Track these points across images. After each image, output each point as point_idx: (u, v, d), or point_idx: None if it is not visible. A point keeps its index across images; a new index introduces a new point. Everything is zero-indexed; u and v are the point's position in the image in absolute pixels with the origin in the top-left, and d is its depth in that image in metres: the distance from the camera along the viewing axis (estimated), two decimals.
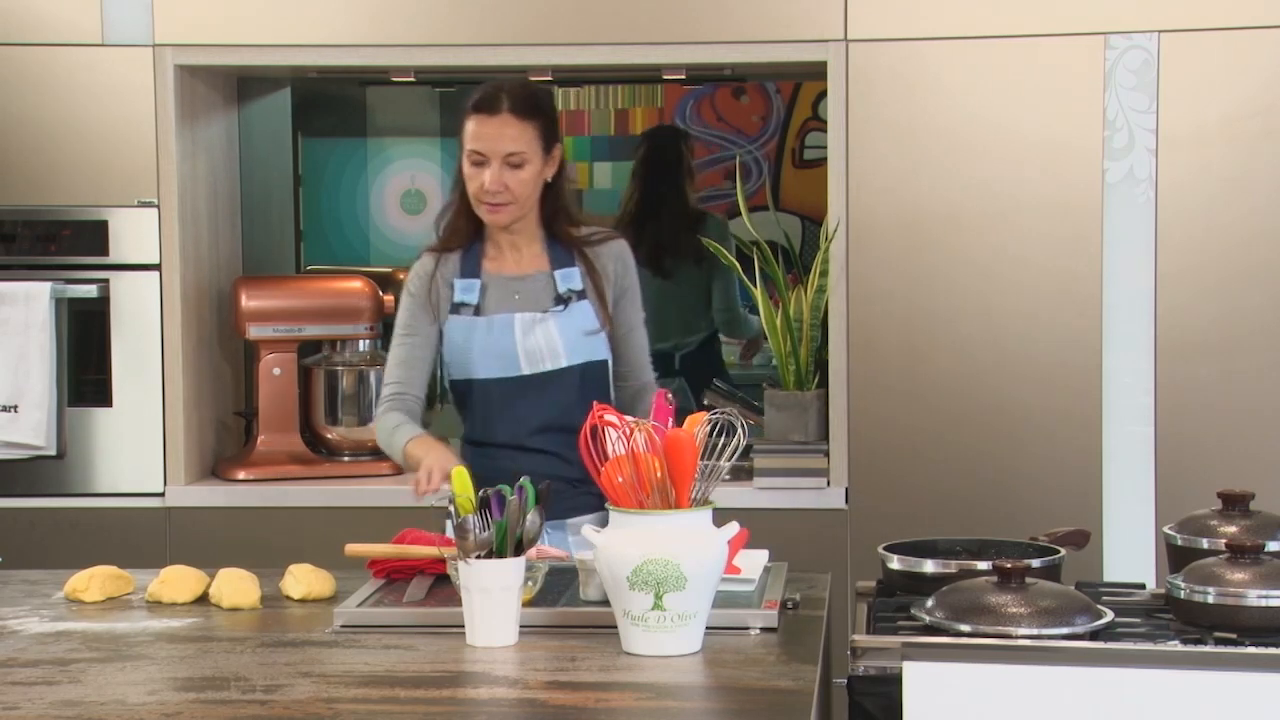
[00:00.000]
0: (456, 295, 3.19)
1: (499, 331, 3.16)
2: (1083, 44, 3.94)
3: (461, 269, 3.21)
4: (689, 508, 2.41)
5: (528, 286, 3.19)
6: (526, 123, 3.13)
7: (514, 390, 3.16)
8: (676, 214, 5.13)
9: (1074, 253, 3.98)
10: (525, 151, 3.12)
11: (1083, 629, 2.38)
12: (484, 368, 3.16)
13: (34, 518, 4.11)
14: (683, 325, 5.24)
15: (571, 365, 3.16)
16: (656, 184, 5.21)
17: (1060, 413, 3.99)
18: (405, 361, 3.21)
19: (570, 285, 3.19)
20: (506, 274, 3.20)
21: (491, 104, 3.14)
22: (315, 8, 4.09)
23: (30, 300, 4.06)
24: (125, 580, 2.85)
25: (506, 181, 3.12)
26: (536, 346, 3.15)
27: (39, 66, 4.09)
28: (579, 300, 3.19)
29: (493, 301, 3.18)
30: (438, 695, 2.23)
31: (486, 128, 3.12)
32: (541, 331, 3.16)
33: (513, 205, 3.15)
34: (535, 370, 3.15)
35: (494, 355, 3.15)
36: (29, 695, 2.24)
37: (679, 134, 5.57)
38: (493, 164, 3.12)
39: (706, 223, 5.18)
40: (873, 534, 3.43)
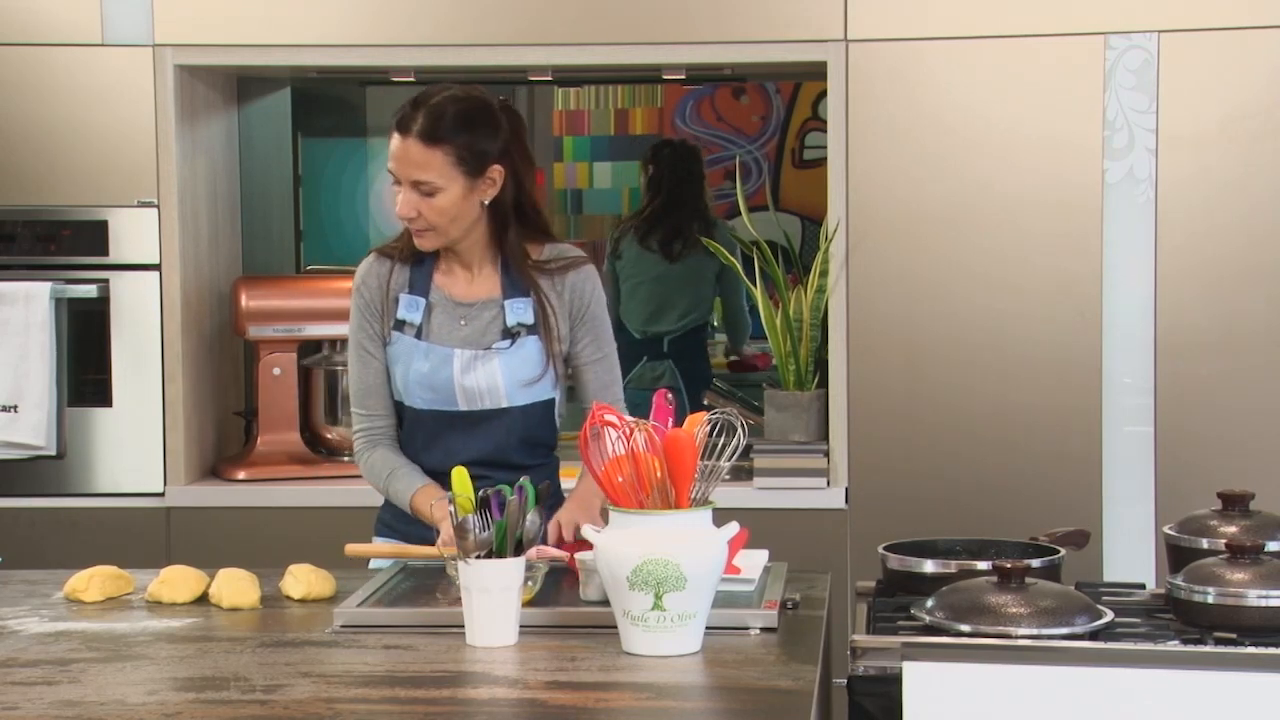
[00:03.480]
0: (400, 311, 2.98)
1: (437, 363, 2.95)
2: (1083, 44, 3.94)
3: (411, 283, 2.99)
4: (689, 508, 2.41)
5: (476, 315, 2.97)
6: (435, 149, 2.84)
7: (448, 423, 2.97)
8: (695, 215, 5.47)
9: (1074, 253, 3.98)
10: (434, 181, 2.85)
11: (1083, 629, 2.38)
12: (419, 397, 2.96)
13: (34, 518, 4.11)
14: (679, 313, 5.45)
15: (513, 406, 2.96)
16: (676, 191, 5.51)
17: (1060, 412, 3.99)
18: (369, 390, 3.01)
19: (520, 319, 2.96)
20: (456, 297, 2.98)
21: (404, 123, 2.88)
22: (315, 8, 4.09)
23: (30, 300, 4.06)
24: (125, 580, 2.85)
25: (419, 208, 2.87)
26: (475, 385, 2.94)
27: (39, 66, 4.09)
28: (528, 335, 2.96)
29: (437, 326, 2.97)
30: (438, 695, 2.24)
31: (397, 149, 2.88)
32: (483, 370, 2.94)
33: (431, 232, 2.90)
34: (473, 408, 2.96)
35: (429, 386, 2.95)
36: (29, 695, 2.24)
37: (694, 149, 5.84)
38: (405, 188, 2.88)
39: (718, 229, 5.47)
40: (873, 534, 3.43)
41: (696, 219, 5.45)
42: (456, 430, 2.97)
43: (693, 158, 5.66)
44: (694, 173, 5.58)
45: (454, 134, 2.86)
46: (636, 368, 5.39)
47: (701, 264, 5.41)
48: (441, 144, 2.86)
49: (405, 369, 2.97)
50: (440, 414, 2.97)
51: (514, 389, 2.96)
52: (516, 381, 2.96)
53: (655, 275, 5.45)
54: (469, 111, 2.89)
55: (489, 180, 2.90)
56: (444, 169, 2.86)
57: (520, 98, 7.17)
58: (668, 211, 5.47)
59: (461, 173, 2.87)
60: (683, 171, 5.55)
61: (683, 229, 5.41)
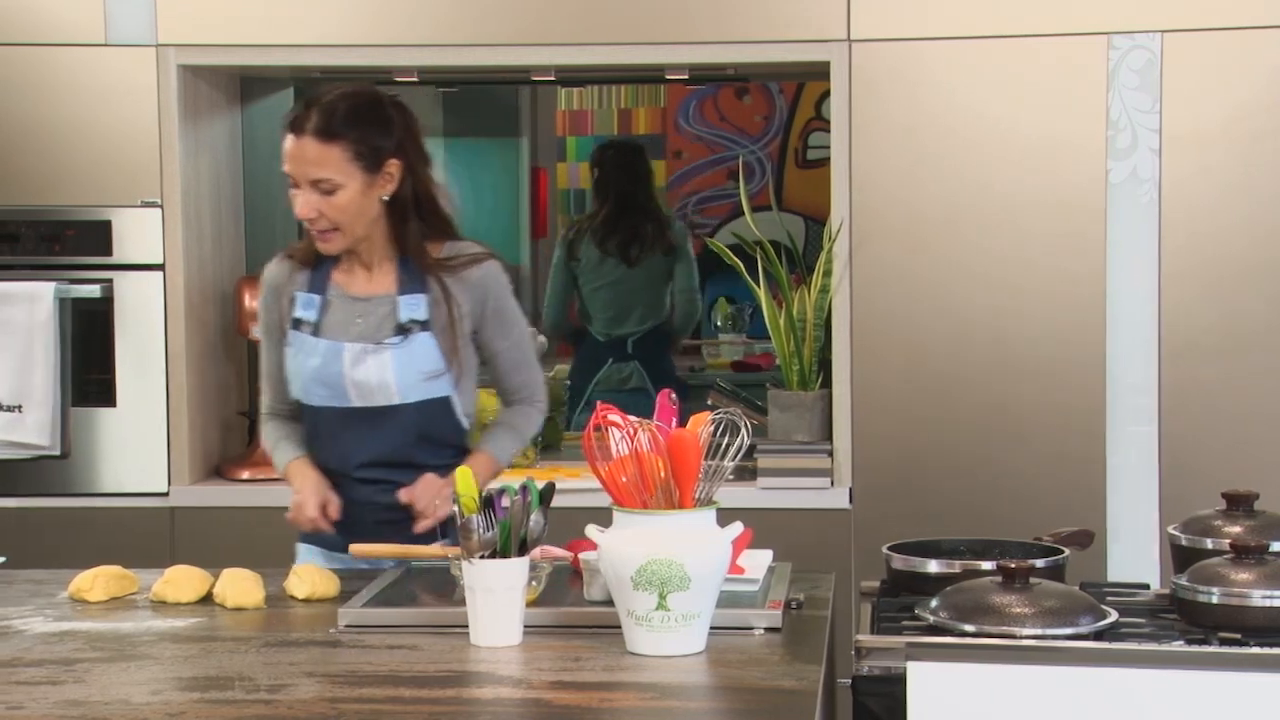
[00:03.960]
0: (297, 310, 3.01)
1: (329, 358, 2.96)
2: (1086, 44, 3.94)
3: (309, 282, 3.01)
4: (693, 508, 2.41)
5: (371, 310, 2.98)
6: (331, 146, 2.86)
7: (343, 421, 2.98)
8: (647, 213, 5.55)
9: (1077, 253, 3.98)
10: (333, 178, 2.87)
11: (1087, 629, 2.38)
12: (315, 394, 2.98)
13: (38, 517, 4.12)
14: (640, 313, 5.54)
15: (406, 403, 2.96)
16: (626, 192, 5.59)
17: (1064, 413, 3.98)
18: (269, 375, 3.08)
19: (413, 315, 2.96)
20: (353, 293, 2.99)
21: (297, 123, 2.89)
22: (318, 8, 4.10)
23: (34, 300, 4.07)
24: (129, 580, 2.86)
25: (320, 208, 2.89)
26: (367, 380, 2.94)
27: (42, 67, 4.10)
28: (421, 332, 2.95)
29: (332, 323, 2.99)
30: (442, 695, 2.24)
31: (292, 149, 2.89)
32: (374, 365, 2.94)
33: (336, 232, 2.92)
34: (366, 404, 2.96)
35: (323, 382, 2.97)
36: (33, 695, 2.24)
37: (639, 146, 5.94)
38: (304, 189, 2.90)
39: (673, 224, 5.63)
40: (877, 534, 3.44)
41: (649, 220, 5.54)
42: (353, 428, 2.98)
43: (638, 157, 5.72)
44: (641, 172, 5.65)
45: (348, 129, 2.88)
46: (603, 370, 5.47)
47: (658, 263, 5.52)
48: (337, 140, 2.88)
49: (300, 365, 3.00)
50: (335, 410, 2.99)
51: (406, 385, 2.96)
52: (408, 377, 2.95)
53: (615, 279, 5.53)
54: (361, 107, 2.92)
55: (387, 175, 2.92)
56: (342, 165, 2.88)
57: (523, 97, 7.19)
58: (620, 215, 5.54)
59: (359, 168, 2.90)
60: (630, 172, 5.63)
61: (638, 232, 5.50)
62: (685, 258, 5.54)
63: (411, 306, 2.97)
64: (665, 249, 5.51)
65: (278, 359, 3.07)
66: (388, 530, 2.93)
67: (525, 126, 7.21)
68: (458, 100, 6.55)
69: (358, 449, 2.98)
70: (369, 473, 2.99)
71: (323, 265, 3.03)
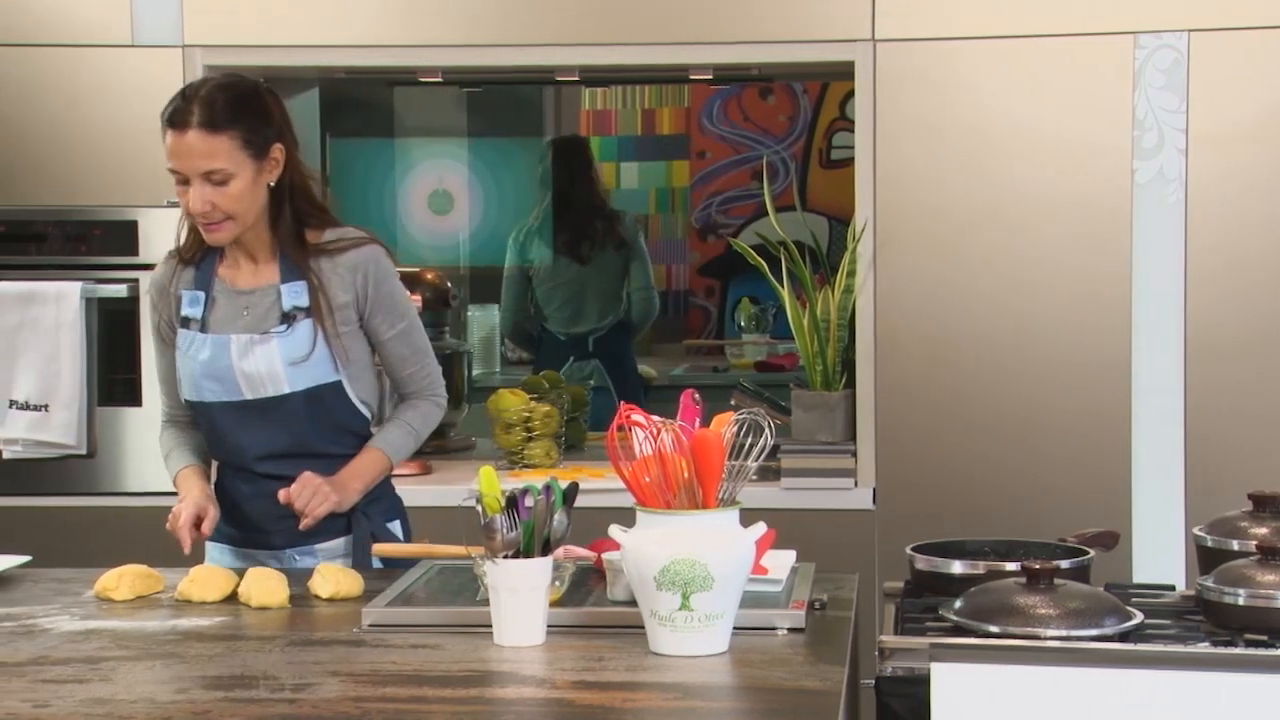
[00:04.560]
0: (183, 308, 3.01)
1: (216, 352, 2.97)
2: (1112, 43, 3.93)
3: (194, 280, 3.03)
4: (716, 508, 2.41)
5: (256, 302, 2.99)
6: (219, 136, 2.88)
7: (238, 414, 2.99)
8: (593, 209, 5.59)
9: (1103, 253, 3.97)
10: (225, 168, 2.89)
11: (1112, 630, 2.37)
12: (206, 390, 2.99)
13: (64, 517, 4.13)
14: (598, 310, 5.61)
15: (295, 391, 2.96)
16: (569, 185, 5.62)
17: (1089, 413, 3.97)
18: (164, 379, 3.09)
19: (296, 302, 2.95)
20: (239, 287, 3.00)
21: (179, 118, 2.90)
22: (343, 8, 4.11)
23: (61, 300, 4.08)
24: (155, 579, 2.87)
25: (213, 200, 2.90)
26: (256, 370, 2.95)
27: (69, 67, 4.12)
28: (305, 319, 2.95)
29: (218, 317, 3.00)
30: (465, 695, 2.24)
31: (179, 145, 2.90)
32: (262, 355, 2.95)
33: (230, 222, 2.93)
34: (257, 395, 2.96)
35: (214, 377, 2.97)
36: (59, 693, 2.25)
37: (581, 141, 6.02)
38: (194, 183, 2.90)
39: (623, 219, 5.69)
40: (900, 534, 3.43)
41: (596, 216, 5.56)
42: (247, 422, 2.99)
43: (578, 151, 5.74)
44: (582, 166, 5.66)
45: (234, 119, 2.91)
46: (564, 367, 5.49)
47: (610, 259, 5.57)
48: (224, 130, 2.90)
49: (190, 362, 3.01)
50: (228, 405, 2.99)
51: (293, 373, 2.96)
52: (295, 364, 2.96)
53: (569, 278, 5.58)
54: (242, 96, 2.95)
55: (273, 160, 2.95)
56: (232, 154, 2.90)
57: (548, 97, 7.19)
58: (565, 212, 5.57)
59: (248, 156, 2.92)
60: (572, 167, 5.65)
61: (586, 229, 5.53)
62: (639, 253, 5.60)
63: (294, 294, 2.97)
64: (616, 244, 5.56)
65: (169, 362, 3.07)
66: (294, 523, 2.96)
67: (549, 126, 7.22)
68: (482, 100, 6.56)
69: (254, 442, 3.00)
70: (270, 466, 3.00)
71: (207, 262, 3.04)
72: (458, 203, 6.64)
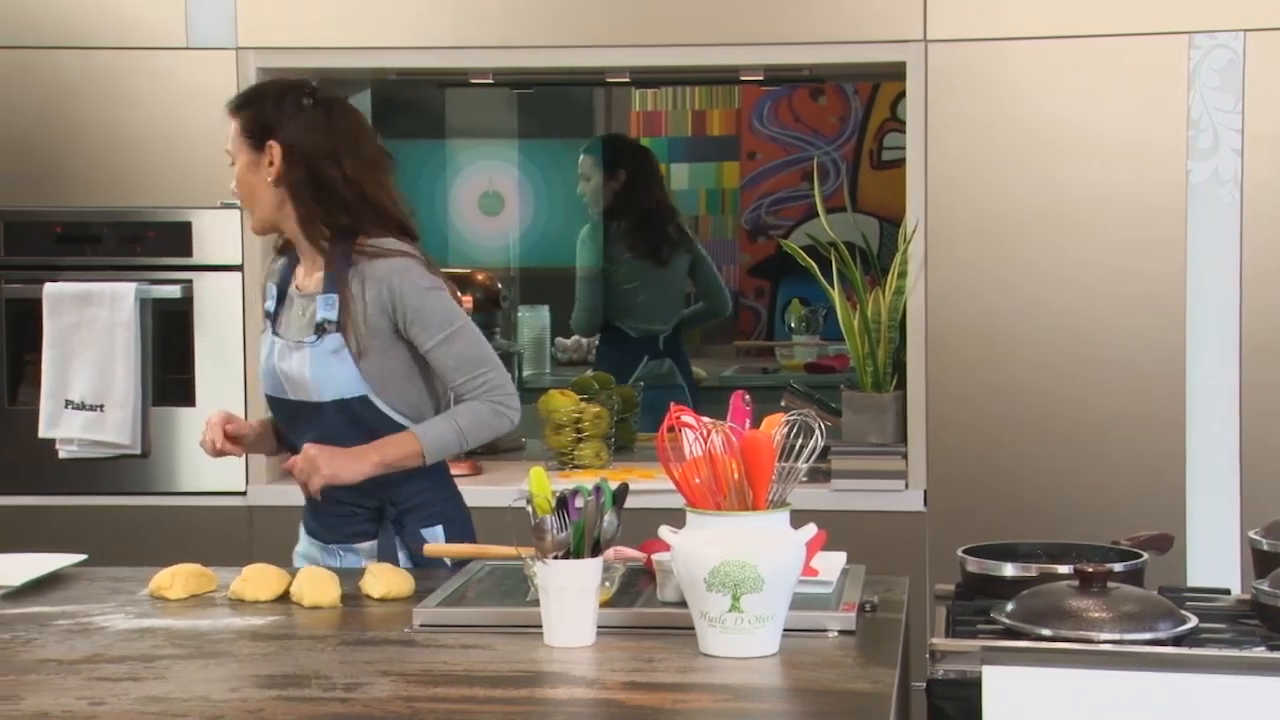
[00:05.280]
0: (265, 301, 3.17)
1: (269, 350, 3.10)
2: (1166, 43, 3.90)
3: (279, 275, 3.15)
4: (766, 509, 2.41)
5: (306, 307, 3.07)
6: (232, 119, 3.06)
7: (287, 413, 3.10)
8: (664, 212, 5.75)
9: (1157, 254, 3.94)
10: (230, 149, 3.06)
11: (1166, 634, 2.35)
12: (268, 383, 3.12)
13: (119, 516, 4.17)
14: (670, 309, 5.73)
15: (324, 401, 3.01)
16: (639, 186, 5.76)
17: (1143, 415, 3.95)
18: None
19: (327, 315, 3.00)
20: (301, 289, 3.10)
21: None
22: (395, 10, 4.12)
23: (116, 301, 4.12)
24: (208, 578, 2.88)
25: (234, 182, 3.09)
26: (290, 374, 3.04)
27: (125, 70, 4.15)
28: (334, 332, 3.00)
29: (283, 315, 3.11)
30: (516, 695, 2.24)
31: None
32: (296, 361, 3.02)
33: (248, 212, 3.12)
34: (298, 398, 3.05)
35: (269, 374, 3.10)
36: (114, 691, 2.27)
37: (647, 150, 6.12)
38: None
39: (683, 218, 5.99)
40: (951, 536, 3.41)
41: (668, 221, 5.70)
42: (296, 423, 3.09)
43: (642, 152, 5.92)
44: (652, 167, 5.81)
45: (244, 106, 3.07)
46: (640, 367, 5.57)
47: (680, 260, 5.69)
48: (235, 114, 3.07)
49: (261, 354, 3.15)
50: (280, 402, 3.11)
51: (321, 383, 3.01)
52: (321, 376, 3.00)
53: (647, 279, 5.65)
54: (266, 88, 3.10)
55: (268, 156, 3.02)
56: (236, 138, 3.05)
57: (598, 99, 7.20)
58: (635, 211, 5.69)
59: (247, 144, 3.04)
60: (644, 168, 5.77)
61: (660, 229, 5.66)
62: (700, 250, 5.79)
63: (327, 306, 3.01)
64: (686, 243, 5.72)
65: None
66: (342, 518, 3.08)
67: (599, 128, 7.22)
68: (532, 101, 6.57)
69: (300, 440, 3.06)
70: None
71: (290, 259, 3.15)
72: (508, 204, 6.66)
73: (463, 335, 3.02)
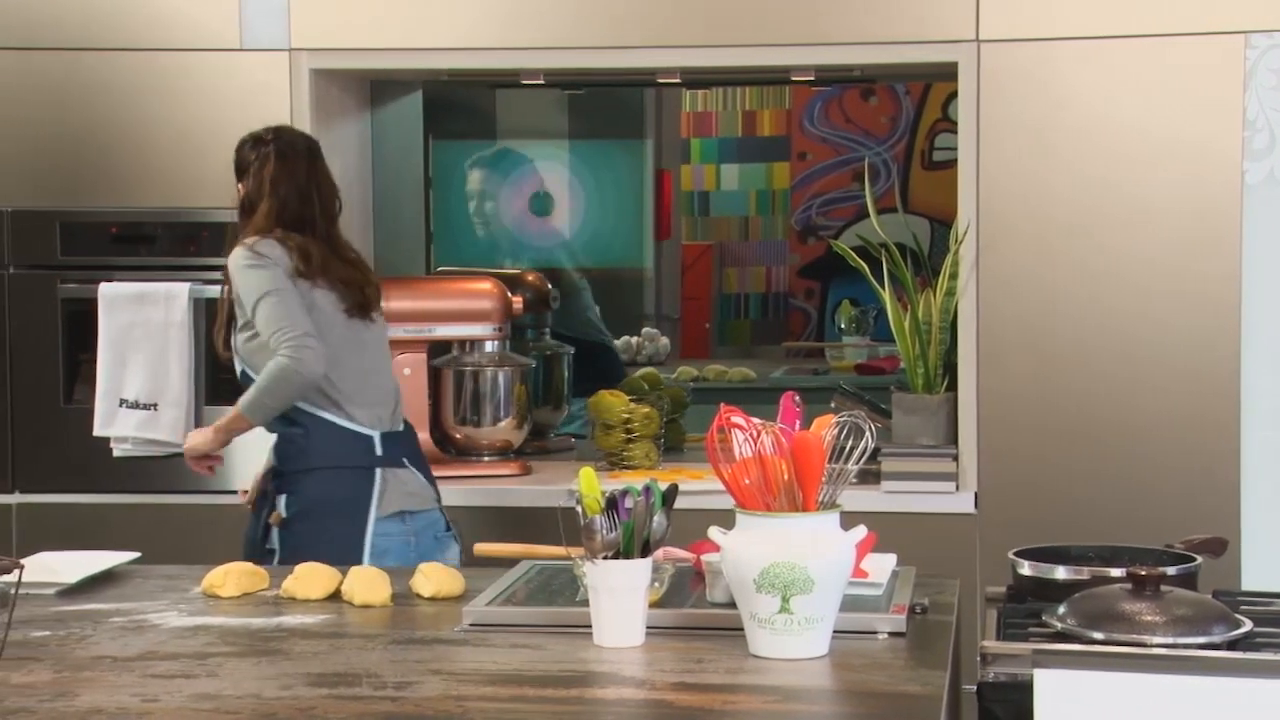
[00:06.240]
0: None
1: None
2: (1222, 43, 3.86)
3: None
4: (816, 510, 2.40)
5: None
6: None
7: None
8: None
9: (1211, 255, 3.91)
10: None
11: (1220, 638, 2.33)
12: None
13: (172, 514, 4.19)
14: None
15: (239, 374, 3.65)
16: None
17: (1196, 418, 3.91)
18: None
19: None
20: None
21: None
22: (447, 11, 4.14)
23: (170, 300, 4.15)
24: (260, 576, 2.90)
25: None
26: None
27: (179, 71, 4.18)
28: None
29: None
30: (565, 695, 2.25)
31: None
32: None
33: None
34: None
35: None
36: (168, 688, 2.28)
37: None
38: None
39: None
40: (1003, 539, 3.39)
41: None
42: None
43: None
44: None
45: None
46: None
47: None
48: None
49: None
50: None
51: (238, 361, 3.64)
52: (238, 355, 3.63)
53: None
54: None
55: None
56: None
57: (648, 100, 7.20)
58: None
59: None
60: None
61: None
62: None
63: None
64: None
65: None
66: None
67: (650, 128, 7.23)
68: (583, 102, 6.58)
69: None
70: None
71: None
72: (559, 204, 6.67)
73: (267, 302, 3.49)
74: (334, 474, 3.54)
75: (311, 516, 3.50)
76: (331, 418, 3.54)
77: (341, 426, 3.54)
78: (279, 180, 3.60)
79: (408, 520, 3.57)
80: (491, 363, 4.35)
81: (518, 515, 4.02)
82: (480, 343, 4.36)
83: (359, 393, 3.56)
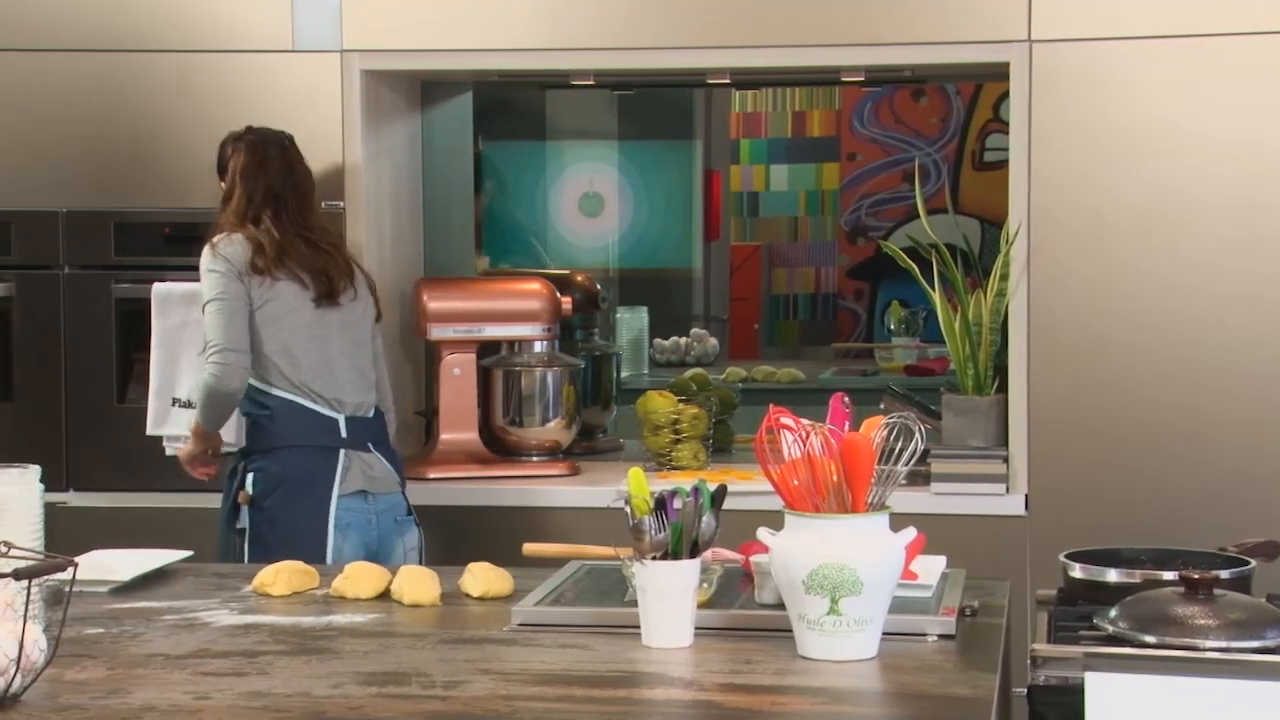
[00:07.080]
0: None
1: None
2: (1275, 42, 3.83)
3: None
4: (865, 512, 2.40)
5: None
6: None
7: None
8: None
9: (1265, 256, 3.87)
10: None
11: (1274, 643, 2.31)
12: None
13: None
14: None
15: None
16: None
17: (1250, 419, 3.88)
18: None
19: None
20: None
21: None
22: (497, 13, 4.15)
23: None
24: (310, 575, 2.92)
25: None
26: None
27: (232, 73, 4.21)
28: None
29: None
30: (613, 695, 2.25)
31: None
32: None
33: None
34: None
35: None
36: (219, 686, 2.30)
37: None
38: None
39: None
40: (1053, 541, 3.37)
41: None
42: None
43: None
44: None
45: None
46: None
47: None
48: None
49: None
50: None
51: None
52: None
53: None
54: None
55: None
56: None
57: (698, 100, 7.20)
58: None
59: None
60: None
61: None
62: None
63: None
64: None
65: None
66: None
67: (699, 129, 7.23)
68: (633, 103, 6.59)
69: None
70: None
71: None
72: (608, 205, 6.68)
73: (209, 309, 3.67)
74: (299, 452, 3.68)
75: (277, 493, 3.65)
76: (296, 399, 3.69)
77: (306, 407, 3.69)
78: (248, 172, 3.75)
79: (370, 500, 3.71)
80: (540, 363, 4.36)
81: (567, 516, 4.03)
82: (529, 343, 4.37)
83: (319, 378, 3.70)
